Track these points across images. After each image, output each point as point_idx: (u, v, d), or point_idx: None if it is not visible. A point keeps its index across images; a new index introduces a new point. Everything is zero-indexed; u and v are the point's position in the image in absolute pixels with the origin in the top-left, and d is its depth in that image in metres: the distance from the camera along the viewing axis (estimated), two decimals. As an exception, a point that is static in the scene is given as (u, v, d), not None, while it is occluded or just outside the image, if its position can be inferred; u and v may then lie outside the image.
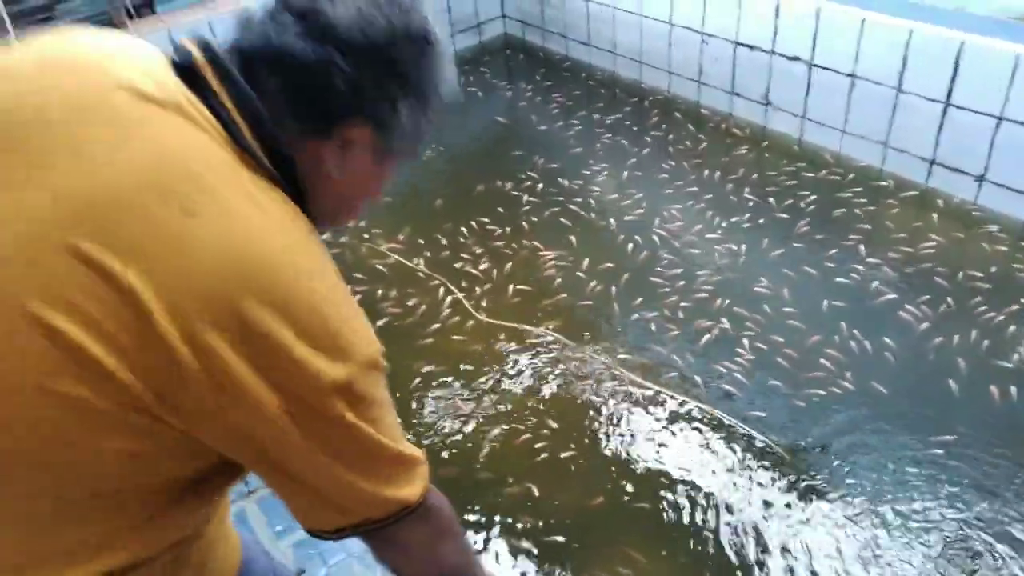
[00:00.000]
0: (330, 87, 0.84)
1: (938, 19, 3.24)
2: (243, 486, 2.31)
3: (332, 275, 0.83)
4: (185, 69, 0.83)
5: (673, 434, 2.50)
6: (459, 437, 2.56)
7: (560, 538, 2.23)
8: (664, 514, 2.27)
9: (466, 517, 2.29)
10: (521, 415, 2.61)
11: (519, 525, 2.28)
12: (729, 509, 2.26)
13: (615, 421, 2.56)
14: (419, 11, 0.90)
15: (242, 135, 0.81)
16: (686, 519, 2.25)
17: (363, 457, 0.85)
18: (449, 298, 3.12)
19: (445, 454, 2.50)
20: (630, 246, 3.31)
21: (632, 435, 2.51)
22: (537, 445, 2.50)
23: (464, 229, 3.51)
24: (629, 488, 2.35)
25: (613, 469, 2.41)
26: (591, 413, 2.60)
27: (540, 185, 3.78)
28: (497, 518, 2.30)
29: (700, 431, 2.49)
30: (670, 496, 2.31)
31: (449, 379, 2.77)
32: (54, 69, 0.82)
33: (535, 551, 2.21)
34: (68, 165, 0.75)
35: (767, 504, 2.26)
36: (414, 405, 2.67)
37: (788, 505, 2.25)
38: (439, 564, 1.01)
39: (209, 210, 0.75)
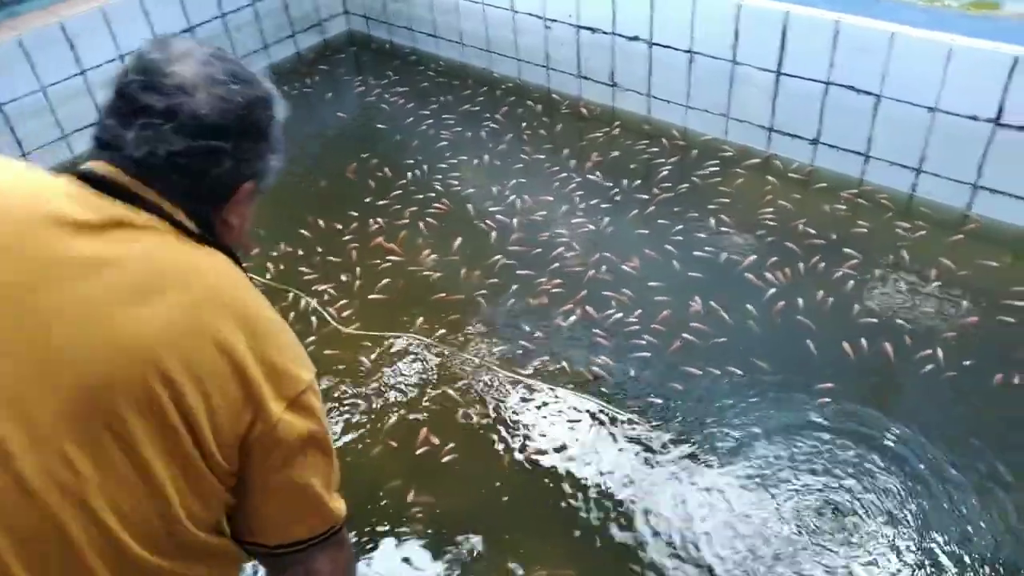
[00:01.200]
0: (222, 167, 1.05)
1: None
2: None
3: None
4: (105, 184, 1.01)
5: (552, 424, 2.52)
6: (339, 450, 2.49)
7: (457, 540, 2.22)
8: (552, 504, 2.29)
9: (359, 533, 2.24)
10: (399, 424, 2.57)
11: (411, 535, 2.25)
12: (612, 491, 2.30)
13: (494, 418, 2.56)
14: (258, 77, 1.10)
15: (180, 221, 1.03)
16: (573, 506, 2.27)
17: (319, 451, 1.08)
18: (313, 303, 3.03)
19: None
20: (494, 236, 3.31)
21: (513, 430, 2.51)
22: (419, 452, 2.47)
23: (320, 235, 3.42)
24: (516, 483, 2.36)
25: (497, 467, 2.41)
26: (470, 413, 2.58)
27: (397, 182, 3.71)
28: (387, 530, 2.27)
29: (577, 419, 2.53)
30: (555, 486, 2.33)
31: (326, 393, 2.69)
32: None
33: (429, 559, 2.19)
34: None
35: (647, 480, 2.32)
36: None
37: (666, 472, 2.32)
38: None
39: (193, 284, 1.01)
